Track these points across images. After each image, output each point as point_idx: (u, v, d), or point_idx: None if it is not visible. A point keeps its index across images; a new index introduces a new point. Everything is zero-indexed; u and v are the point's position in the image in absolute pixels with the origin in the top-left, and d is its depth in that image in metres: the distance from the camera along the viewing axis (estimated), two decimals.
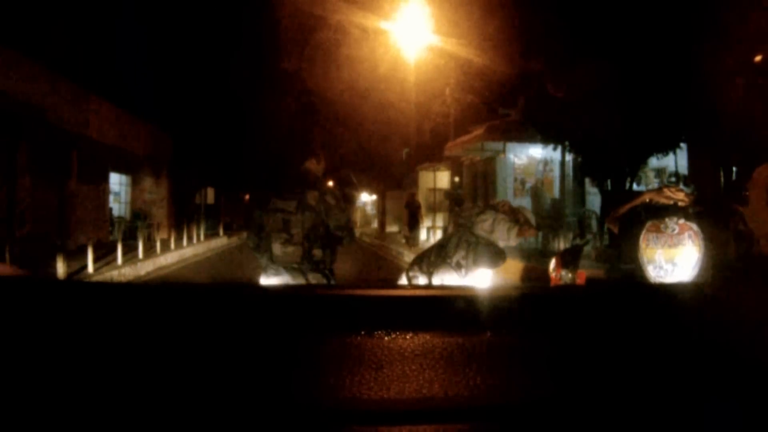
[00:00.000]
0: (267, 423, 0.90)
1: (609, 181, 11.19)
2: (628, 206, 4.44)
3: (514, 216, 3.77)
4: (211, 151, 23.07)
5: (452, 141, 17.70)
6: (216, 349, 1.06)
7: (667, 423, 0.92)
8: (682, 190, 4.22)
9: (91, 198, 16.40)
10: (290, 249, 3.40)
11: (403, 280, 3.87)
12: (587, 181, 12.89)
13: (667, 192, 4.17)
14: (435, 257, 3.79)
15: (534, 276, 8.26)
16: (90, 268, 10.36)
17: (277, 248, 3.41)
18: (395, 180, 29.12)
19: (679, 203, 4.00)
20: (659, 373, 1.03)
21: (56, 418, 0.88)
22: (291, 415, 0.90)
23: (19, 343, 1.05)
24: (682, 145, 10.75)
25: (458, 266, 3.67)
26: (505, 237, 3.72)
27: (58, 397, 0.92)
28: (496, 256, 3.71)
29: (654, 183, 14.15)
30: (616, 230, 4.34)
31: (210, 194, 28.36)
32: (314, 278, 3.38)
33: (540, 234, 13.40)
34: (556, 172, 14.72)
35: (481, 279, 3.75)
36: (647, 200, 4.30)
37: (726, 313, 1.28)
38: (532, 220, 3.89)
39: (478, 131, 15.07)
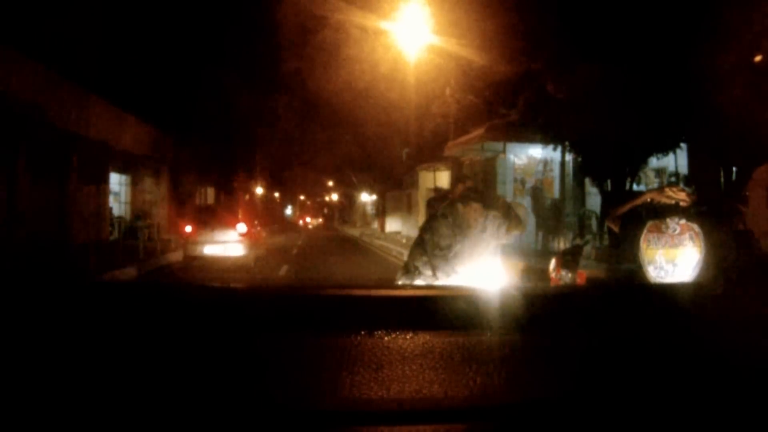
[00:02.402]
0: (267, 423, 0.90)
1: (609, 181, 11.19)
2: (629, 205, 4.43)
3: (507, 213, 3.80)
4: (211, 150, 23.07)
5: (452, 141, 17.70)
6: (215, 348, 1.06)
7: (668, 422, 0.92)
8: (684, 190, 4.20)
9: (91, 198, 16.39)
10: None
11: (404, 280, 3.87)
12: (587, 181, 12.89)
13: (668, 191, 4.16)
14: (431, 247, 3.81)
15: (534, 276, 8.25)
16: None
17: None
18: (395, 180, 29.13)
19: (681, 203, 3.99)
20: (660, 372, 1.03)
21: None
22: (291, 415, 0.90)
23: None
24: (682, 145, 10.74)
25: (448, 249, 3.72)
26: (497, 235, 3.74)
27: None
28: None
29: (654, 183, 14.14)
30: (616, 229, 4.33)
31: (210, 194, 28.34)
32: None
33: (540, 234, 13.42)
34: (556, 172, 14.71)
35: (479, 278, 3.76)
36: (648, 200, 4.29)
37: (726, 313, 1.28)
38: (523, 215, 3.91)
39: (478, 131, 15.06)
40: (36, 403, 0.89)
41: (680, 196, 4.04)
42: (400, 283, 3.87)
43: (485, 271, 3.76)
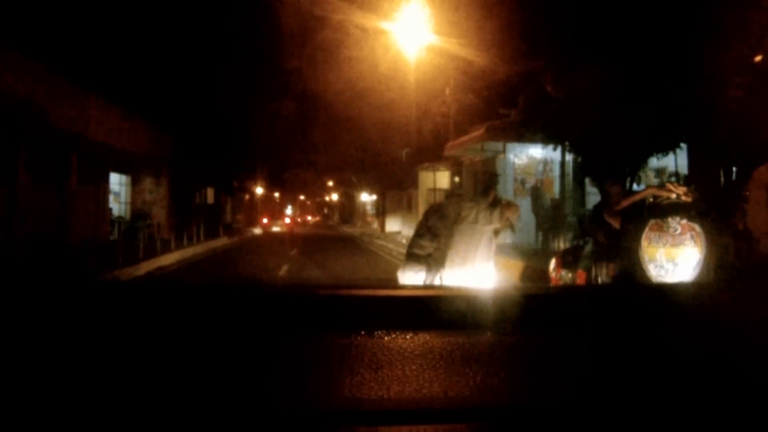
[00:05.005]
0: (266, 423, 0.90)
1: (609, 182, 11.16)
2: (629, 200, 4.42)
3: (494, 201, 3.90)
4: (211, 150, 23.05)
5: (452, 141, 17.69)
6: (214, 349, 1.06)
7: (668, 423, 0.92)
8: (684, 186, 4.21)
9: (91, 198, 16.39)
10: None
11: (409, 268, 3.96)
12: (587, 181, 12.87)
13: (669, 186, 4.17)
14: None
15: (534, 276, 8.25)
16: None
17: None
18: (395, 180, 29.13)
19: (683, 197, 3.98)
20: (659, 372, 1.03)
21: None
22: (291, 415, 0.90)
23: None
24: (682, 145, 10.73)
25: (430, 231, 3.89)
26: (490, 221, 3.80)
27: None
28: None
29: (654, 183, 14.13)
30: (616, 225, 4.32)
31: (210, 194, 28.33)
32: None
33: (540, 234, 13.42)
34: (556, 172, 14.70)
35: (481, 276, 3.77)
36: (649, 195, 4.28)
37: (726, 312, 1.28)
38: (513, 201, 4.06)
39: (478, 131, 15.05)
40: (39, 403, 0.89)
41: (680, 190, 4.03)
42: (402, 271, 3.99)
43: (484, 259, 3.82)
